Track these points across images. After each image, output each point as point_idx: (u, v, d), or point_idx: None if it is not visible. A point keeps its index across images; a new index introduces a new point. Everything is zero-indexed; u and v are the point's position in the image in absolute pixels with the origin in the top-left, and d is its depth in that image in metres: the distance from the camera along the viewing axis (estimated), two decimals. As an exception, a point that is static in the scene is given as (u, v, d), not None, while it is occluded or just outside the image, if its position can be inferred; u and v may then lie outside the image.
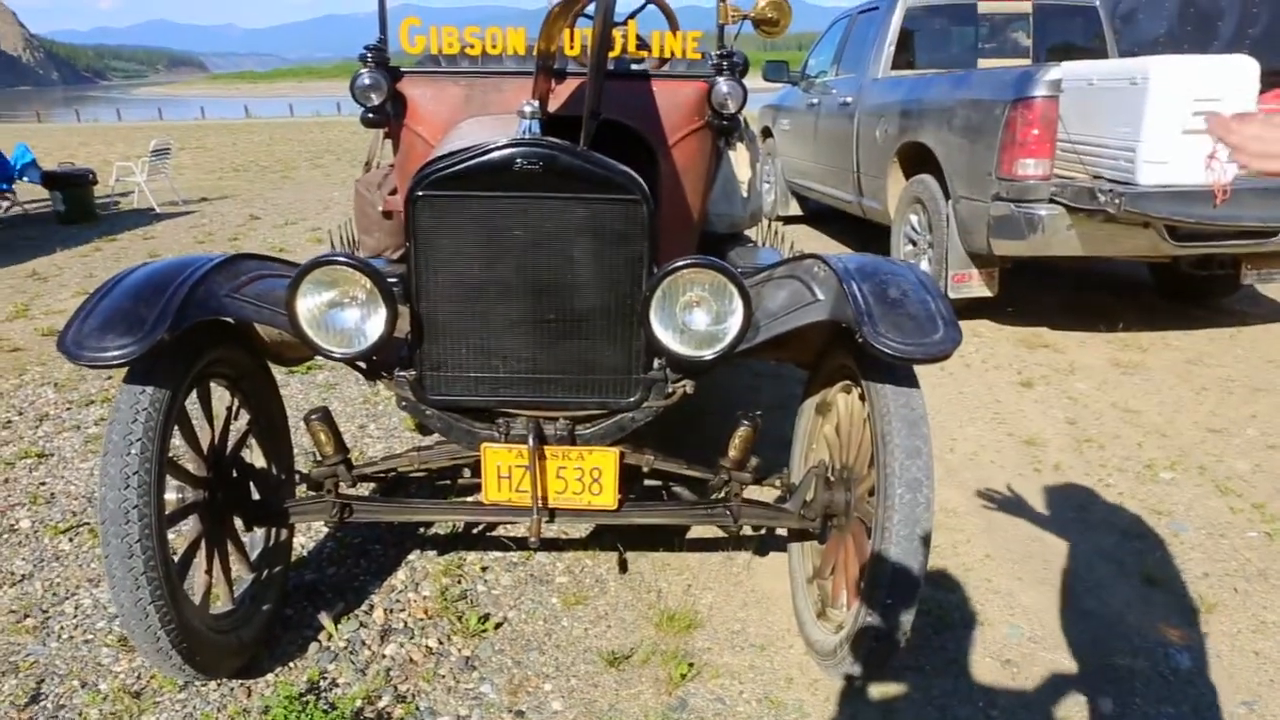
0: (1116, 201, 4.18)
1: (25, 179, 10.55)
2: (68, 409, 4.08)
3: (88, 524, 2.97)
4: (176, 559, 2.00)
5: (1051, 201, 4.50)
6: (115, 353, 1.76)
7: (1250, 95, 4.25)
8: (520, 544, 2.77)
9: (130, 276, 1.94)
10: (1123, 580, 2.69)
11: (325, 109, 40.10)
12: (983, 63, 6.47)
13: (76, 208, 9.87)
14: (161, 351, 1.81)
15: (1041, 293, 6.03)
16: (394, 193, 3.12)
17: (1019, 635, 2.44)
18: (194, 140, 23.36)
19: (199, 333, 1.97)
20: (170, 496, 2.01)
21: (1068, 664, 2.33)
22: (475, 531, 2.92)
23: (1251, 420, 3.92)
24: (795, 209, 8.73)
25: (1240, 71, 4.22)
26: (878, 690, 2.20)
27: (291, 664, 2.28)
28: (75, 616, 2.47)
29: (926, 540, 1.90)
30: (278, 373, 2.54)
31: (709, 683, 2.24)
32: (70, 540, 2.89)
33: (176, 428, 1.97)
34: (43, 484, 3.31)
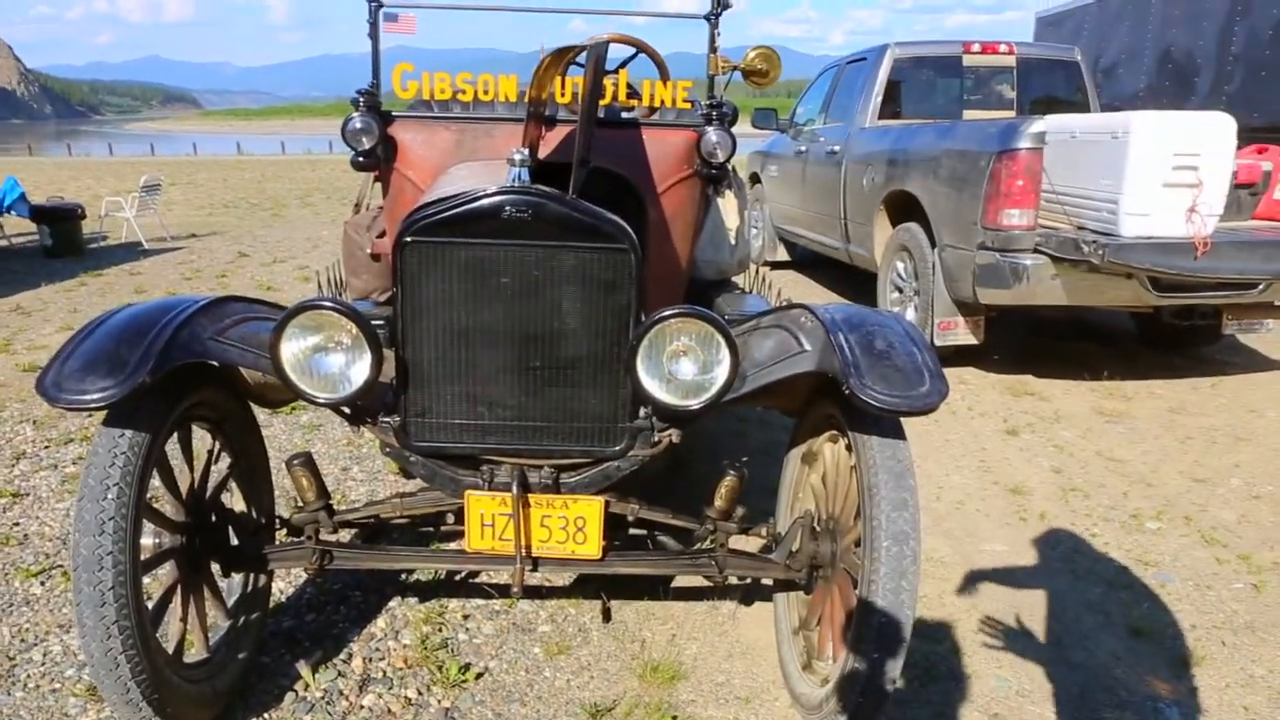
0: (1100, 252, 4.23)
1: (13, 213, 10.51)
2: (45, 447, 4.02)
3: (61, 566, 2.92)
4: (151, 606, 1.96)
5: (1036, 251, 4.55)
6: (95, 395, 1.74)
7: (1228, 151, 4.34)
8: (503, 592, 2.73)
9: (113, 318, 1.92)
10: (1110, 632, 2.68)
11: (317, 147, 40.34)
12: (968, 114, 6.59)
13: (64, 242, 9.84)
14: (142, 394, 1.79)
15: (1027, 341, 6.07)
16: (383, 235, 3.12)
17: (1007, 688, 2.41)
18: (185, 176, 23.42)
19: (181, 375, 1.95)
20: (147, 541, 1.97)
21: (1055, 718, 2.30)
22: (458, 579, 2.88)
23: (1235, 470, 3.94)
24: (783, 255, 8.80)
25: (1219, 127, 4.31)
26: (864, 746, 2.16)
27: (267, 714, 2.23)
28: (43, 664, 2.41)
29: (913, 593, 1.88)
30: (260, 413, 2.52)
31: (693, 737, 2.20)
32: (42, 584, 2.83)
33: (155, 471, 1.94)
34: (16, 524, 3.25)
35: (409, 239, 1.89)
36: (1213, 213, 4.35)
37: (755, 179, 9.05)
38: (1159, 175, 4.28)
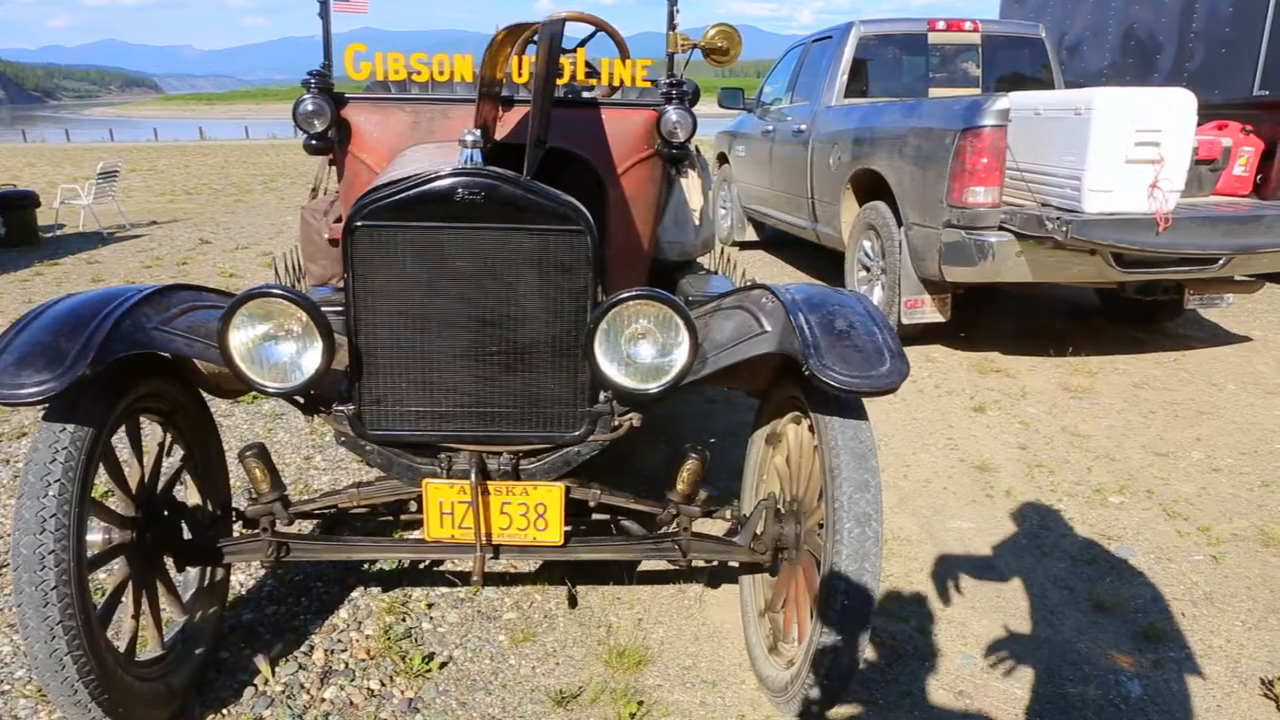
0: (1064, 229, 4.25)
1: (-35, 201, 10.24)
2: (-1, 442, 3.93)
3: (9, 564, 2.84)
4: (100, 604, 1.91)
5: (1001, 229, 4.56)
6: (32, 389, 1.67)
7: (1189, 127, 4.37)
8: (465, 580, 2.69)
9: (52, 309, 1.86)
10: (1074, 607, 2.70)
11: (282, 131, 39.68)
12: (934, 92, 6.58)
13: (18, 231, 9.60)
14: (83, 387, 1.73)
15: (993, 318, 6.11)
16: (339, 220, 3.05)
17: (972, 665, 2.42)
18: (145, 162, 22.95)
19: (127, 367, 1.89)
20: (95, 538, 1.91)
21: (1021, 694, 2.32)
22: (421, 567, 2.84)
23: (1196, 443, 3.98)
24: (752, 235, 8.78)
25: (1180, 104, 4.34)
26: (830, 726, 2.17)
27: (225, 710, 2.18)
28: (-5, 664, 2.35)
29: (876, 574, 1.87)
30: (221, 403, 2.47)
31: (659, 721, 2.19)
32: (-6, 582, 2.76)
33: (102, 466, 1.88)
34: (-32, 522, 3.17)
35: (359, 223, 1.84)
36: (1174, 189, 4.38)
37: (723, 159, 9.01)
38: (1121, 152, 4.30)
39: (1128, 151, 4.30)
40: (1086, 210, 4.38)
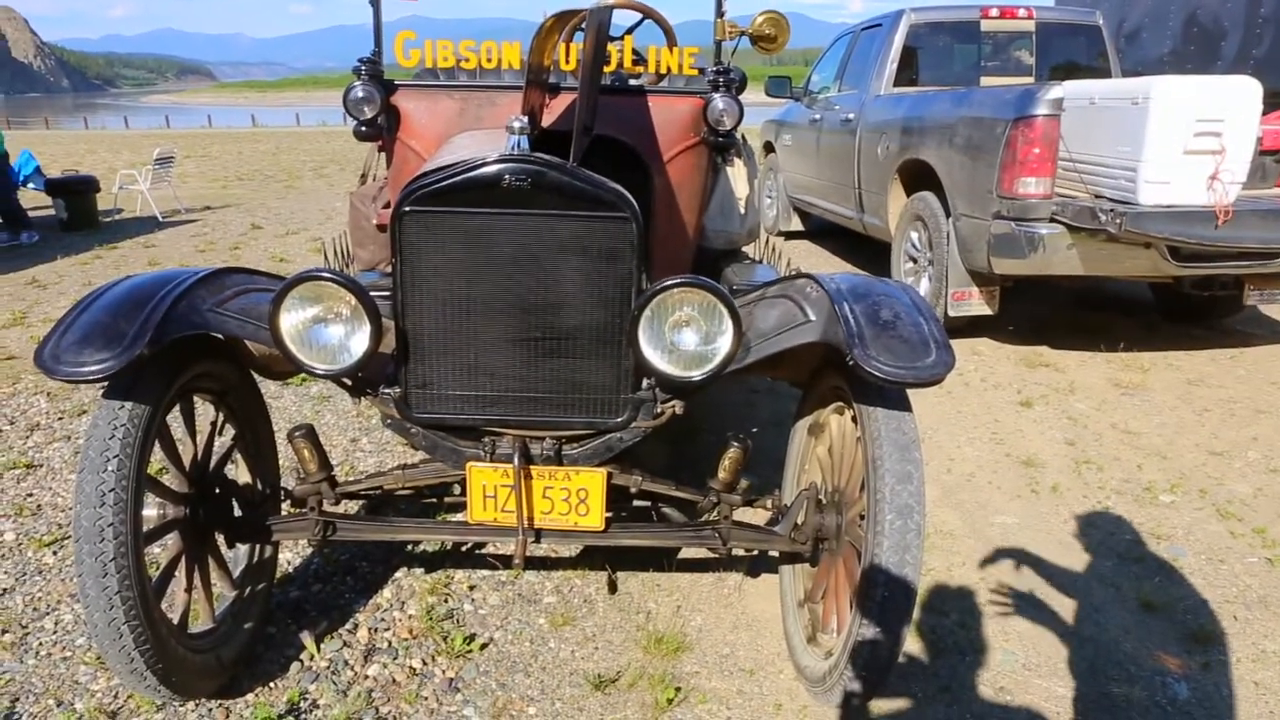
0: (1117, 221, 4.15)
1: (30, 186, 10.55)
2: (59, 419, 4.05)
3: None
4: (155, 577, 1.97)
5: (1052, 220, 4.47)
6: (93, 368, 1.73)
7: (1253, 117, 4.23)
8: (506, 563, 2.72)
9: (111, 290, 1.92)
10: (1120, 605, 2.65)
11: (332, 118, 40.22)
12: (985, 80, 6.47)
13: (79, 215, 9.87)
14: (141, 366, 1.78)
15: (1042, 311, 5.99)
16: (388, 206, 3.10)
17: (1014, 662, 2.40)
18: (200, 149, 23.43)
19: (182, 347, 1.94)
20: (150, 513, 1.97)
21: (1063, 692, 2.29)
22: (463, 549, 2.89)
23: (1253, 443, 3.88)
24: (797, 224, 8.71)
25: (1244, 92, 4.20)
26: (869, 717, 2.16)
27: (272, 684, 2.24)
28: (55, 632, 2.44)
29: (917, 567, 1.86)
30: (270, 385, 2.53)
31: (696, 708, 2.20)
32: (54, 554, 2.85)
33: (158, 443, 1.94)
34: (30, 495, 3.28)
35: (408, 209, 1.86)
36: (1235, 180, 4.25)
37: (769, 148, 8.94)
38: (1180, 142, 4.18)
39: (1187, 142, 4.18)
40: (1142, 202, 4.27)
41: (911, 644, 2.43)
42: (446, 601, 2.60)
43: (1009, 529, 3.11)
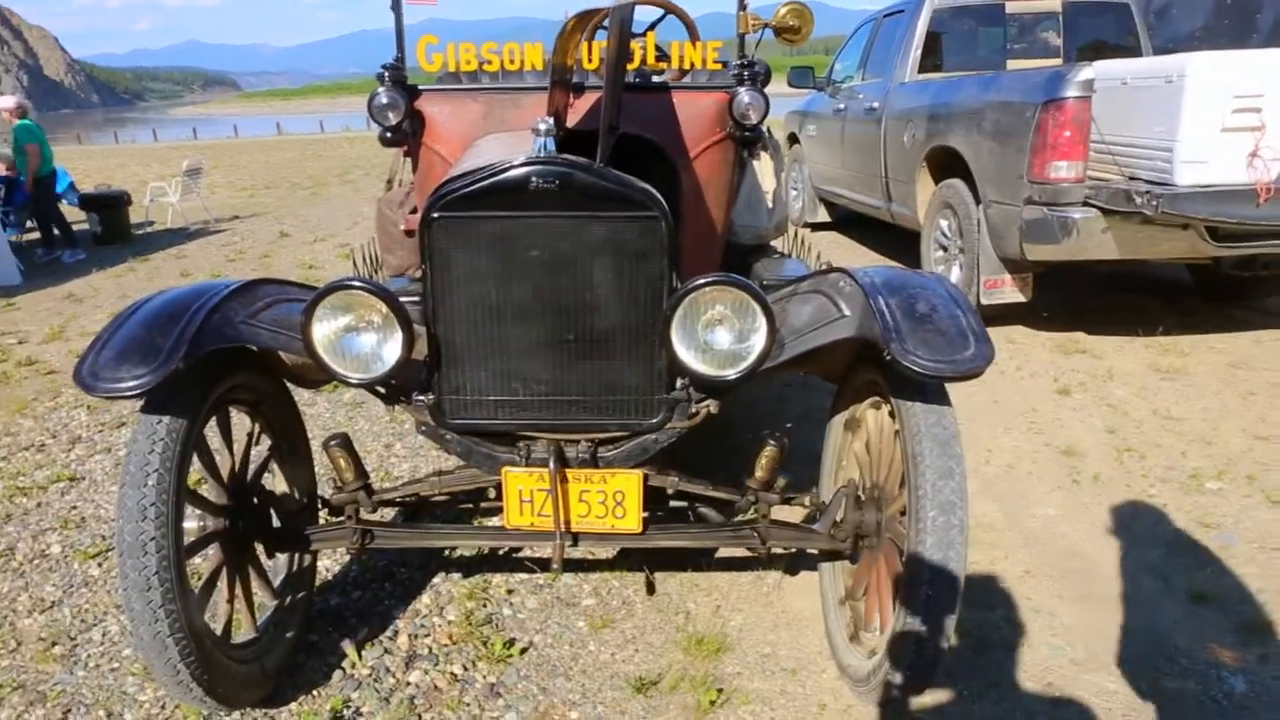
0: (1154, 203, 4.07)
1: (64, 201, 10.73)
2: (100, 431, 4.11)
3: (116, 548, 2.98)
4: (197, 588, 1.99)
5: (1086, 204, 4.39)
6: (131, 383, 1.74)
7: (1293, 90, 4.12)
8: (544, 566, 2.73)
9: (146, 306, 1.93)
10: (1170, 597, 2.59)
11: (356, 124, 40.51)
12: (1012, 64, 6.36)
13: (112, 229, 10.03)
14: (177, 380, 1.79)
15: (1077, 297, 5.89)
16: (415, 211, 3.11)
17: (1061, 656, 2.35)
18: (227, 159, 23.70)
19: (217, 359, 1.95)
20: (190, 525, 1.99)
21: (1113, 686, 2.24)
22: (501, 553, 2.88)
23: (1301, 426, 3.78)
24: (824, 216, 8.64)
25: (1282, 66, 4.10)
26: (914, 716, 2.13)
27: (315, 692, 2.25)
28: (102, 644, 2.47)
29: (961, 563, 1.83)
30: (304, 392, 2.53)
31: (739, 709, 2.18)
32: (99, 565, 2.89)
33: (196, 455, 1.95)
34: (74, 508, 3.33)
35: (436, 214, 1.86)
36: (1277, 157, 4.14)
37: (793, 139, 8.87)
38: (1217, 119, 4.09)
39: (1225, 119, 4.08)
40: (1178, 183, 4.17)
41: (956, 639, 2.39)
42: (485, 606, 2.60)
43: (1051, 520, 3.06)
